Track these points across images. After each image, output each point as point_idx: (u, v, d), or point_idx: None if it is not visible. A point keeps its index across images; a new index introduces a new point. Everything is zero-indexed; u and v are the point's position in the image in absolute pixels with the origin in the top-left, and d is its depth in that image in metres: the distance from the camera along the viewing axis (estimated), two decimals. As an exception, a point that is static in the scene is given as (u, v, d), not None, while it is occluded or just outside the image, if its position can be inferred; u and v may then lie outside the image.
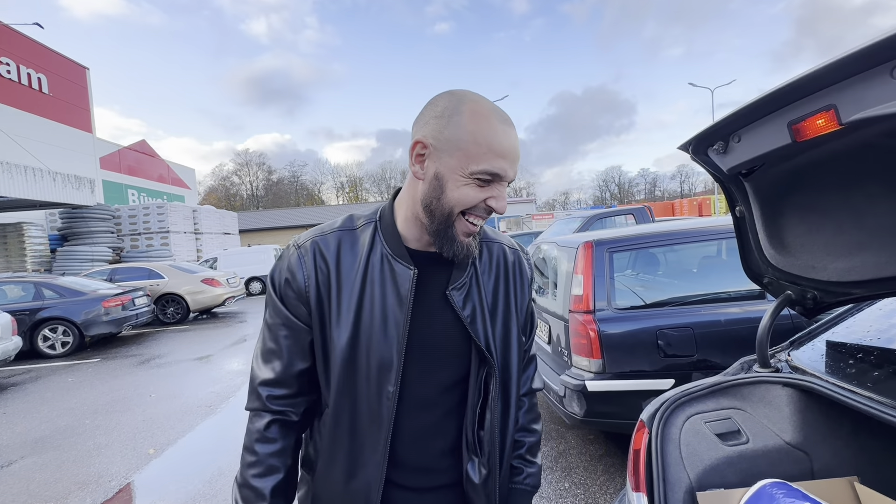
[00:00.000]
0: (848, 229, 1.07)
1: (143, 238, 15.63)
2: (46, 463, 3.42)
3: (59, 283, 7.82)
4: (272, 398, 0.80)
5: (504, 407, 0.85)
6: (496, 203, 0.72)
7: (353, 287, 0.76)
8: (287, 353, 0.79)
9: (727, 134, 0.97)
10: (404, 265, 0.76)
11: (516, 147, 0.71)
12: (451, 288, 0.78)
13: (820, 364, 1.24)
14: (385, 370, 0.75)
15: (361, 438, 0.77)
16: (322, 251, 0.78)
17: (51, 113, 16.10)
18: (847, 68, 0.67)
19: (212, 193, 58.00)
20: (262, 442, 0.79)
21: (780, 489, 1.02)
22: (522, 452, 0.94)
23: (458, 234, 0.74)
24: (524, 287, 0.90)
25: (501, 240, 0.91)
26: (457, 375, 0.80)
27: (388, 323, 0.75)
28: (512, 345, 0.85)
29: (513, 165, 0.71)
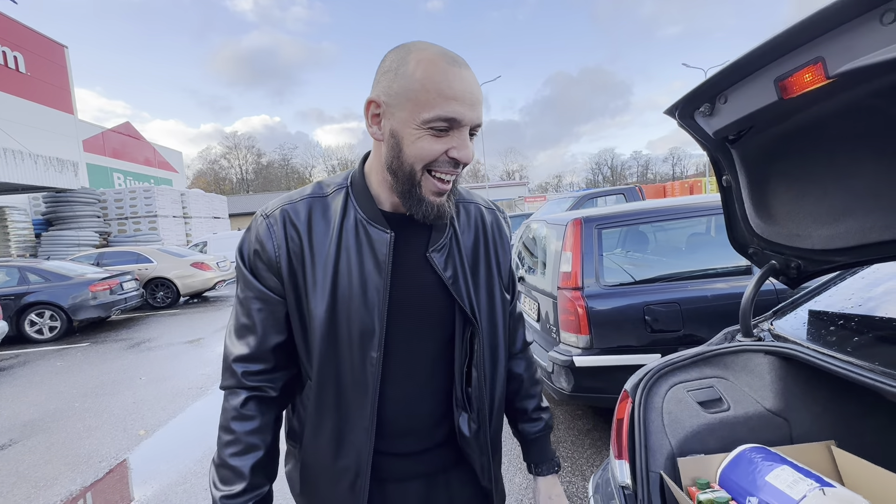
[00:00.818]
0: (833, 195, 1.06)
1: (130, 222, 15.39)
2: (36, 445, 3.41)
3: (45, 267, 7.69)
4: (248, 374, 0.77)
5: (493, 365, 0.85)
6: (458, 153, 0.67)
7: (327, 255, 0.74)
8: (261, 327, 0.77)
9: (713, 95, 0.94)
10: (380, 229, 0.74)
11: (472, 88, 0.67)
12: (431, 250, 0.77)
13: (801, 332, 1.24)
14: (367, 337, 0.73)
15: (347, 407, 0.76)
16: (292, 219, 0.75)
17: (29, 93, 15.59)
18: (835, 17, 0.65)
19: (200, 177, 57.04)
20: (238, 420, 0.76)
21: (759, 453, 1.04)
22: (537, 404, 0.98)
23: (426, 194, 0.71)
24: (504, 246, 0.89)
25: (477, 200, 0.90)
26: (442, 338, 0.80)
27: (368, 289, 0.73)
28: (496, 304, 0.85)
29: (472, 108, 0.66)
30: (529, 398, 0.98)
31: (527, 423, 0.98)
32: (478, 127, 0.69)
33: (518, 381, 0.98)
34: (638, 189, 8.06)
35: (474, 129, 0.69)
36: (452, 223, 0.81)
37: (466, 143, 0.68)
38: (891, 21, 0.58)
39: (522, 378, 0.98)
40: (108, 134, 21.06)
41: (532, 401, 0.98)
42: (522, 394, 0.98)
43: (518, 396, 0.98)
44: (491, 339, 0.84)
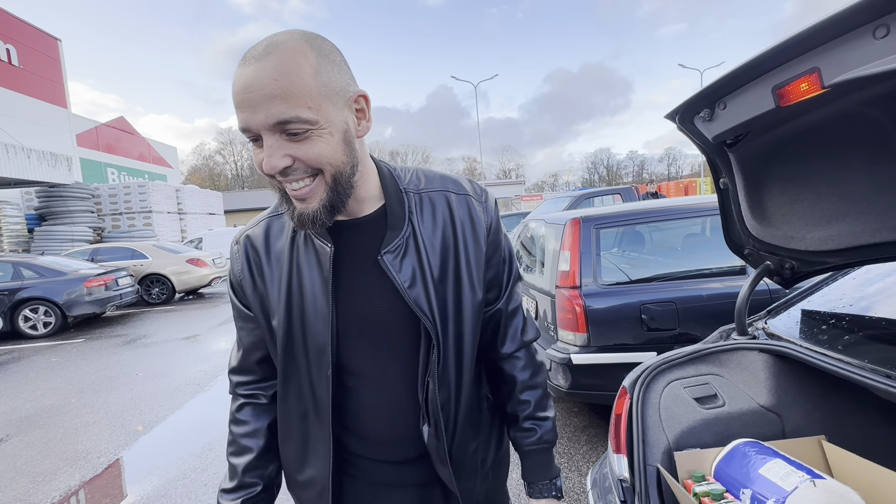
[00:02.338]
0: (826, 198, 1.10)
1: (124, 218, 15.28)
2: (33, 441, 3.41)
3: (39, 262, 7.63)
4: (239, 384, 0.84)
5: (457, 372, 0.77)
6: (264, 165, 0.60)
7: (281, 272, 0.74)
8: (245, 343, 0.82)
9: (713, 101, 0.97)
10: (322, 241, 0.71)
11: (250, 85, 0.56)
12: (383, 252, 0.71)
13: (794, 330, 1.28)
14: (321, 353, 0.72)
15: (308, 422, 0.77)
16: (252, 243, 0.77)
17: (22, 86, 15.41)
18: (830, 30, 0.68)
19: (195, 173, 56.67)
20: (234, 423, 0.83)
21: (753, 447, 1.07)
22: (531, 412, 0.86)
23: (292, 202, 0.66)
24: (477, 236, 0.77)
25: (448, 186, 0.78)
26: (409, 345, 0.75)
27: (318, 304, 0.72)
28: (464, 304, 0.76)
29: (253, 110, 0.57)
30: (520, 403, 0.87)
31: (518, 431, 0.88)
32: (285, 123, 0.57)
33: (510, 383, 0.87)
34: (634, 189, 8.12)
35: (283, 127, 0.58)
36: (411, 219, 0.74)
37: (267, 151, 0.59)
38: (883, 35, 0.62)
39: (515, 380, 0.87)
40: (101, 128, 20.88)
41: (524, 407, 0.87)
42: (514, 398, 0.88)
43: (510, 401, 0.88)
44: (456, 342, 0.76)
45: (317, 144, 0.60)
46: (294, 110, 0.57)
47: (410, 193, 0.76)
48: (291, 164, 0.60)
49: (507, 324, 0.86)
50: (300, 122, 0.58)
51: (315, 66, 0.59)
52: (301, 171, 0.61)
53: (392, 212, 0.74)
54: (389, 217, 0.73)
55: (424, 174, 0.80)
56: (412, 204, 0.75)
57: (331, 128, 0.61)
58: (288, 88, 0.56)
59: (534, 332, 0.89)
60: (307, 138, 0.60)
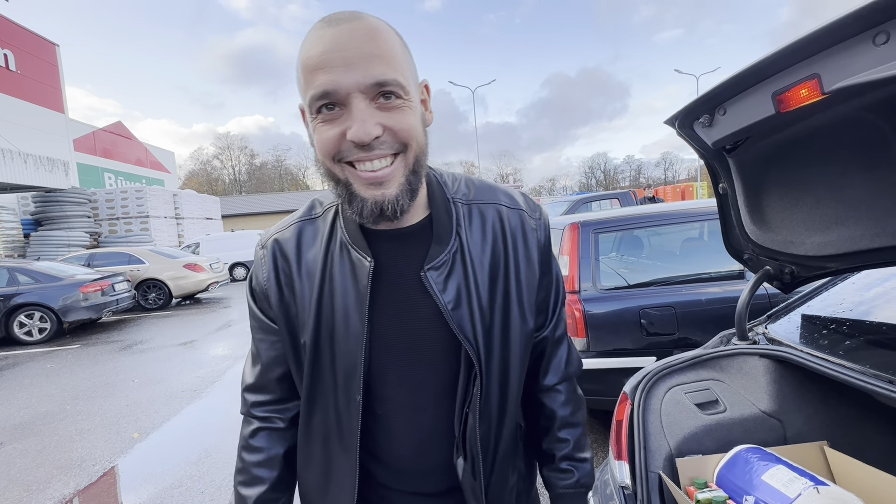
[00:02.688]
0: (825, 203, 1.10)
1: (121, 223, 15.23)
2: (27, 448, 3.37)
3: (35, 268, 7.59)
4: (255, 404, 0.76)
5: (501, 405, 0.70)
6: (352, 132, 0.53)
7: (312, 284, 0.67)
8: (264, 357, 0.74)
9: (713, 107, 0.98)
10: (361, 255, 0.65)
11: (342, 44, 0.52)
12: (427, 268, 0.64)
13: (795, 335, 1.28)
14: (350, 376, 0.66)
15: (332, 448, 0.70)
16: (282, 248, 0.70)
17: (19, 91, 15.39)
18: (830, 37, 0.68)
19: (192, 178, 56.57)
20: (247, 450, 0.75)
21: (755, 454, 1.07)
22: (569, 451, 0.79)
23: (360, 191, 0.58)
24: (530, 255, 0.71)
25: (499, 199, 0.72)
26: (448, 373, 0.68)
27: (350, 323, 0.65)
28: (512, 331, 0.69)
29: (347, 69, 0.51)
30: (558, 442, 0.79)
31: (553, 471, 0.80)
32: (382, 86, 0.53)
33: (549, 418, 0.80)
34: (632, 194, 8.15)
35: (380, 89, 0.53)
36: (459, 232, 0.67)
37: (358, 116, 0.53)
38: (883, 42, 0.62)
39: (555, 415, 0.79)
40: (99, 133, 20.85)
41: (562, 445, 0.79)
42: (551, 435, 0.80)
43: (546, 437, 0.81)
44: (501, 373, 0.69)
45: (408, 115, 0.56)
46: (394, 73, 0.53)
47: (459, 204, 0.69)
48: (381, 134, 0.54)
49: (552, 353, 0.79)
50: (398, 87, 0.54)
51: (400, 41, 0.57)
52: (387, 145, 0.55)
53: (439, 223, 0.67)
54: (436, 228, 0.66)
55: (474, 183, 0.73)
56: (460, 215, 0.68)
57: (415, 104, 0.58)
58: (387, 51, 0.54)
59: (578, 364, 0.83)
60: (399, 108, 0.55)
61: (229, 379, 4.73)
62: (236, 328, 7.28)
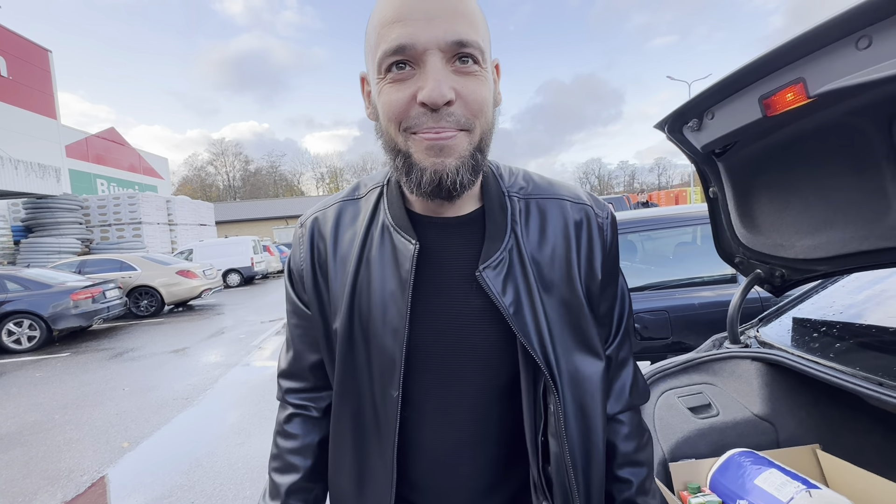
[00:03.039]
0: (814, 207, 1.11)
1: (113, 229, 15.09)
2: (13, 459, 3.30)
3: (24, 275, 7.50)
4: (289, 391, 0.73)
5: (583, 435, 0.61)
6: (424, 93, 0.49)
7: (347, 267, 0.63)
8: (298, 343, 0.71)
9: (701, 111, 0.98)
10: (405, 237, 0.59)
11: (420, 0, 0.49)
12: (483, 267, 0.58)
13: (786, 338, 1.29)
14: (388, 369, 0.60)
15: (367, 448, 0.64)
16: (320, 228, 0.67)
17: (11, 97, 15.29)
18: (815, 41, 0.69)
19: (186, 184, 56.35)
20: (282, 436, 0.73)
21: (748, 457, 1.07)
22: (631, 495, 0.68)
23: (419, 159, 0.53)
24: (593, 258, 0.63)
25: (562, 194, 0.65)
26: (496, 382, 0.62)
27: (388, 311, 0.59)
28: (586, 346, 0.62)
29: (428, 23, 0.48)
30: (619, 482, 0.68)
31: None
32: (462, 46, 0.49)
33: (608, 453, 0.68)
34: (626, 198, 8.21)
35: (460, 49, 0.49)
36: (514, 228, 0.61)
37: (433, 75, 0.49)
38: (865, 46, 0.63)
39: (616, 450, 0.69)
40: (91, 139, 20.72)
41: (623, 487, 0.68)
42: (612, 475, 0.69)
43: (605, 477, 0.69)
44: (577, 396, 0.61)
45: (483, 85, 0.52)
46: (476, 35, 0.50)
47: (515, 198, 0.63)
48: (454, 99, 0.50)
49: (615, 376, 0.70)
50: (478, 51, 0.50)
51: (480, 10, 0.54)
52: (456, 116, 0.51)
53: (492, 218, 0.61)
54: (488, 224, 0.60)
55: (532, 178, 0.67)
56: (516, 211, 0.62)
57: (489, 76, 0.54)
58: (471, 11, 0.51)
59: (645, 392, 0.73)
60: (475, 75, 0.51)
61: (221, 387, 4.68)
62: (229, 335, 7.21)
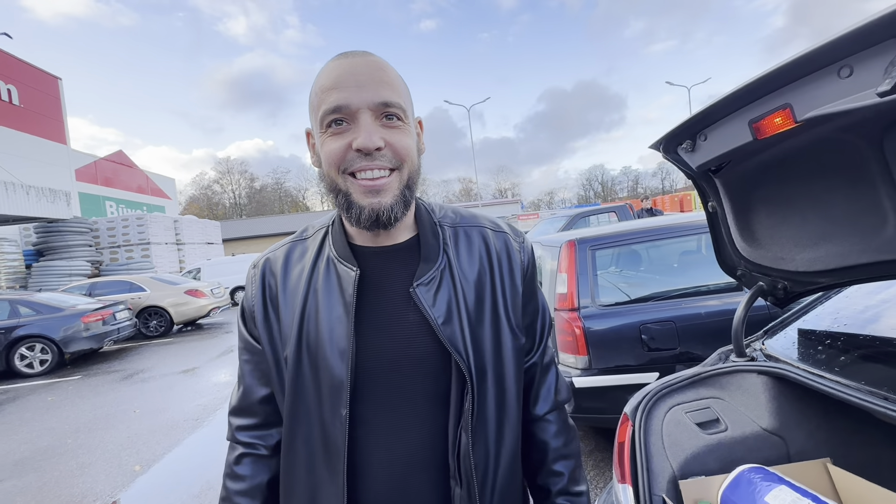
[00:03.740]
0: (812, 221, 1.12)
1: (122, 251, 15.29)
2: (27, 485, 3.32)
3: (36, 299, 7.59)
4: (239, 428, 0.76)
5: (498, 426, 0.69)
6: (358, 141, 0.59)
7: (296, 299, 0.69)
8: (248, 377, 0.75)
9: (694, 133, 1.01)
10: (347, 266, 0.67)
11: (357, 70, 0.60)
12: (416, 283, 0.66)
13: (792, 351, 1.29)
14: (336, 390, 0.64)
15: (317, 472, 0.67)
16: (271, 267, 0.74)
17: (22, 125, 15.67)
18: (799, 69, 0.71)
19: (193, 203, 57.05)
20: (231, 478, 0.75)
21: (758, 473, 1.06)
22: (564, 486, 0.77)
23: (357, 199, 0.63)
24: (514, 277, 0.73)
25: (483, 223, 0.76)
26: (435, 392, 0.67)
27: (335, 334, 0.65)
28: (505, 350, 0.70)
29: (359, 89, 0.59)
30: (554, 475, 0.77)
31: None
32: (387, 106, 0.61)
33: (541, 450, 0.78)
34: (629, 207, 8.20)
35: (385, 109, 0.61)
36: (446, 251, 0.70)
37: (365, 128, 0.60)
38: (847, 75, 0.65)
39: (547, 447, 0.78)
40: (100, 163, 21.11)
41: (557, 480, 0.77)
42: (546, 468, 0.78)
43: (541, 471, 0.79)
44: (497, 393, 0.69)
45: (406, 136, 0.64)
46: (398, 98, 0.62)
47: (445, 227, 0.73)
48: (383, 147, 0.61)
49: (542, 380, 0.79)
50: (400, 110, 0.62)
51: (403, 79, 0.67)
52: (386, 159, 0.62)
53: (426, 242, 0.70)
54: (423, 248, 0.69)
55: (459, 211, 0.78)
56: (447, 237, 0.72)
57: (412, 130, 0.66)
58: (393, 81, 0.63)
59: (567, 392, 0.83)
60: (399, 129, 0.63)
61: (231, 406, 4.69)
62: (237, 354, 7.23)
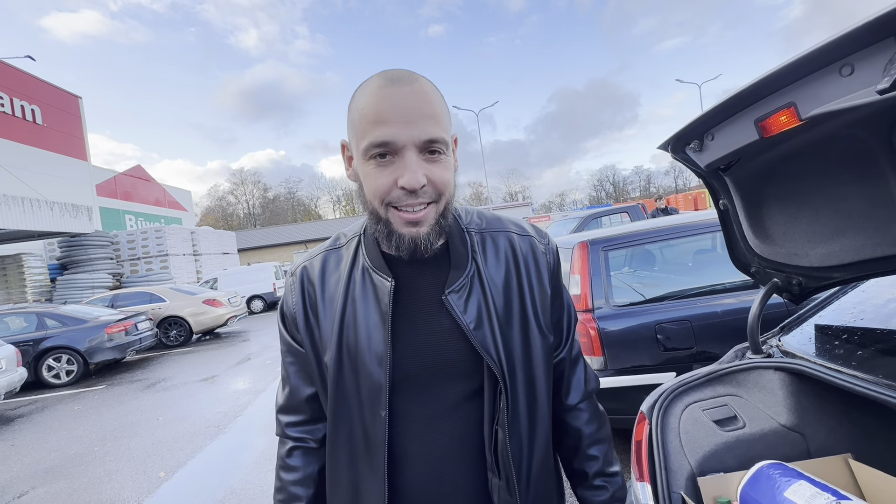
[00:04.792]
0: (825, 215, 1.12)
1: (142, 262, 15.66)
2: (58, 492, 3.43)
3: (62, 311, 7.84)
4: (288, 425, 0.81)
5: (530, 422, 0.74)
6: (404, 180, 0.61)
7: (335, 307, 0.73)
8: (293, 379, 0.80)
9: (701, 133, 1.02)
10: (382, 276, 0.71)
11: (405, 104, 0.61)
12: (448, 291, 0.70)
13: (809, 347, 1.28)
14: (375, 393, 0.69)
15: (359, 468, 0.72)
16: (309, 275, 0.77)
17: (46, 143, 16.22)
18: (801, 68, 0.73)
19: (209, 214, 58.17)
20: (284, 469, 0.80)
21: (777, 469, 1.06)
22: (600, 468, 0.82)
23: (397, 228, 0.66)
24: (541, 278, 0.76)
25: (508, 227, 0.79)
26: (468, 391, 0.72)
27: (373, 340, 0.70)
28: (534, 349, 0.74)
29: (406, 125, 0.60)
30: (589, 459, 0.82)
31: (587, 489, 0.83)
32: (432, 143, 0.62)
33: (575, 437, 0.83)
34: (641, 207, 8.14)
35: (430, 146, 0.62)
36: (474, 257, 0.73)
37: (409, 166, 0.61)
38: (848, 73, 0.66)
39: (581, 433, 0.83)
40: (119, 177, 21.70)
41: (593, 463, 0.82)
42: (581, 453, 0.83)
43: (576, 456, 0.84)
44: (528, 390, 0.73)
45: (447, 170, 0.66)
46: (443, 133, 0.63)
47: (473, 233, 0.76)
48: (426, 183, 0.63)
49: (571, 372, 0.84)
50: (443, 144, 0.64)
51: (444, 100, 0.67)
52: (428, 194, 0.64)
53: (455, 251, 0.73)
54: (453, 256, 0.72)
55: (484, 215, 0.80)
56: (475, 243, 0.75)
57: (451, 160, 0.67)
58: (439, 114, 0.64)
59: (596, 381, 0.87)
60: (440, 163, 0.64)
61: (251, 414, 4.77)
62: (255, 361, 7.35)
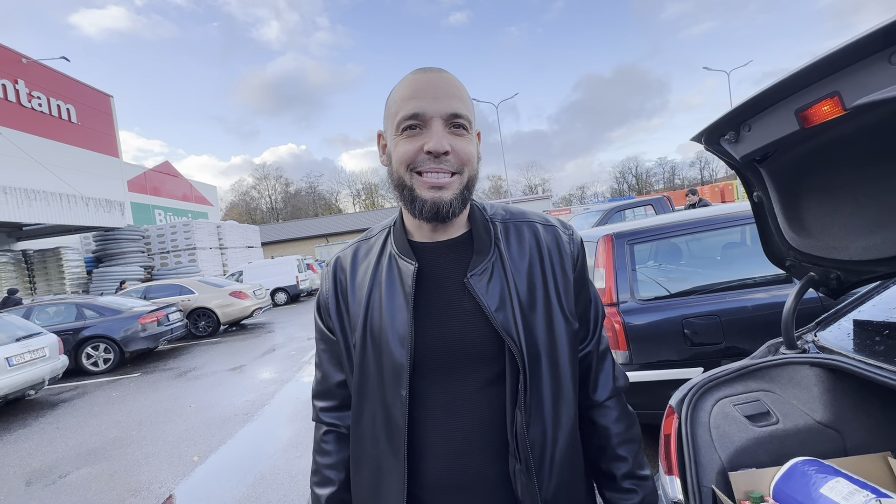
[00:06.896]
0: (866, 208, 1.09)
1: (171, 256, 16.19)
2: (99, 473, 3.62)
3: (99, 302, 8.21)
4: (321, 410, 0.85)
5: (555, 406, 0.73)
6: (430, 144, 0.67)
7: (362, 290, 0.77)
8: (325, 365, 0.84)
9: (737, 124, 1.00)
10: (406, 261, 0.74)
11: (434, 83, 0.69)
12: (470, 274, 0.71)
13: (847, 343, 1.25)
14: (397, 374, 0.71)
15: (381, 448, 0.74)
16: (342, 263, 0.82)
17: (80, 141, 16.86)
18: (848, 56, 0.71)
19: (233, 209, 59.60)
20: (319, 453, 0.84)
21: (812, 466, 1.05)
22: (630, 469, 0.79)
23: (420, 193, 0.70)
24: (564, 266, 0.77)
25: (533, 218, 0.81)
26: (490, 375, 0.72)
27: (396, 323, 0.72)
28: (558, 335, 0.74)
29: (434, 100, 0.67)
30: (617, 460, 0.79)
31: (616, 492, 0.79)
32: (456, 117, 0.69)
33: (603, 435, 0.80)
34: (666, 199, 7.94)
35: (454, 119, 0.69)
36: (497, 245, 0.75)
37: (436, 134, 0.67)
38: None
39: (609, 433, 0.79)
40: (149, 173, 22.41)
41: (621, 464, 0.79)
42: (609, 453, 0.80)
43: (604, 456, 0.80)
44: (552, 375, 0.73)
45: (469, 144, 0.71)
46: (466, 110, 0.70)
47: (497, 222, 0.79)
48: (449, 151, 0.68)
49: (599, 367, 0.82)
50: (466, 121, 0.70)
51: (469, 96, 0.74)
52: (450, 163, 0.69)
53: (478, 237, 0.75)
54: (476, 242, 0.75)
55: (509, 209, 0.84)
56: (498, 231, 0.77)
57: (474, 139, 0.73)
58: (462, 95, 0.71)
59: (625, 379, 0.85)
60: (463, 136, 0.70)
61: (277, 402, 4.91)
62: (281, 352, 7.55)
